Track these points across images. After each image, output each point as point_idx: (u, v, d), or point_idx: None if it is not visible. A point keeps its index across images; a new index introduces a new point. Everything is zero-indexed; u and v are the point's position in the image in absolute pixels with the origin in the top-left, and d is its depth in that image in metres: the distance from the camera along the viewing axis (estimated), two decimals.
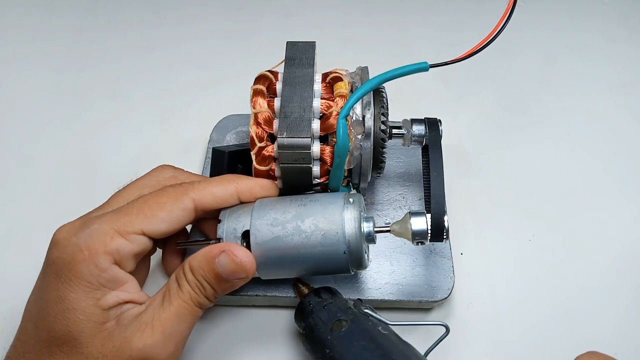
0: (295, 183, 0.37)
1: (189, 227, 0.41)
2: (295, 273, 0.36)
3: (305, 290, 0.38)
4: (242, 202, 0.37)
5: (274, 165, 0.37)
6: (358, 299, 0.37)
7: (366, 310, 0.35)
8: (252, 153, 0.37)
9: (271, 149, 0.36)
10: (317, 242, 0.34)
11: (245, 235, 0.35)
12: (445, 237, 0.36)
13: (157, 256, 0.41)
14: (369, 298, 0.40)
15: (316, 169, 0.37)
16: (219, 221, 0.36)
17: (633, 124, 0.55)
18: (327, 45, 0.48)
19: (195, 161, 0.51)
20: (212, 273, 0.32)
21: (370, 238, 0.35)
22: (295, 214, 0.35)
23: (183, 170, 0.39)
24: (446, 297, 0.40)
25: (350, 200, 0.35)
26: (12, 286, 0.36)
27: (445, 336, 0.35)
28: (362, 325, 0.34)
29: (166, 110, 0.56)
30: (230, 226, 0.35)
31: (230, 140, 0.50)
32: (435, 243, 0.42)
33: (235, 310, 0.42)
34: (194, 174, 0.39)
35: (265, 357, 0.40)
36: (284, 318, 0.42)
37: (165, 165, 0.39)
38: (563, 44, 0.63)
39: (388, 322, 0.35)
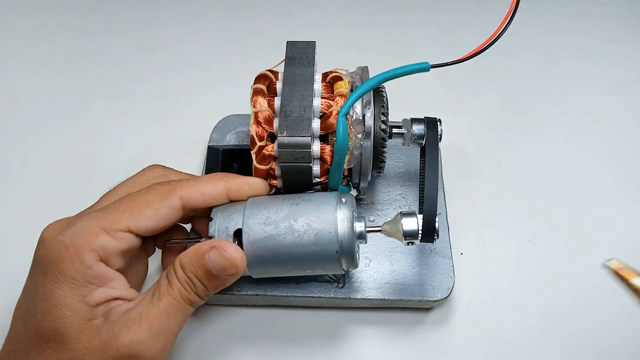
0: (295, 182, 0.37)
1: (188, 228, 0.41)
2: (287, 271, 0.36)
3: None
4: (232, 201, 0.36)
5: (274, 165, 0.37)
6: None
7: None
8: (252, 152, 0.37)
9: (271, 148, 0.36)
10: (310, 241, 0.34)
11: (238, 234, 0.35)
12: (436, 237, 0.36)
13: (158, 258, 0.41)
14: (369, 297, 0.40)
15: (316, 168, 0.37)
16: (211, 219, 0.35)
17: (633, 124, 0.55)
18: (327, 45, 0.48)
19: (195, 161, 0.51)
20: (202, 269, 0.32)
21: (362, 238, 0.35)
22: (288, 213, 0.35)
23: (173, 169, 0.39)
24: (446, 297, 0.40)
25: (343, 200, 0.35)
26: (11, 286, 0.36)
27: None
28: None
29: (166, 110, 0.56)
30: (222, 224, 0.35)
31: (230, 140, 0.50)
32: (435, 243, 0.43)
33: (235, 309, 0.42)
34: (184, 173, 0.39)
35: (265, 356, 0.40)
36: (284, 318, 0.42)
37: (155, 164, 0.39)
38: (563, 45, 0.63)
39: None
